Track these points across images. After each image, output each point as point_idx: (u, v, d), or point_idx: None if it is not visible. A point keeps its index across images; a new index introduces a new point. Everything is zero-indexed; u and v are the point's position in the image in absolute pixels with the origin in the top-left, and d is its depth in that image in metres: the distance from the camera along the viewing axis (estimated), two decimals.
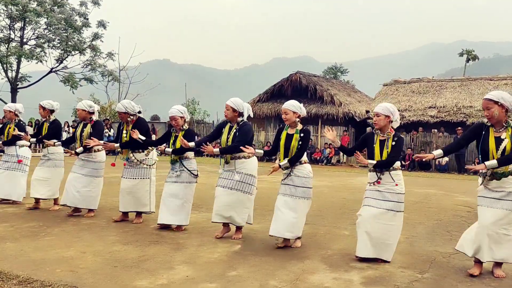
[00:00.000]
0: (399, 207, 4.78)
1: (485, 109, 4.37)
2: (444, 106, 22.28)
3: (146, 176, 6.38)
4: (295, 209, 5.17)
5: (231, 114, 5.62)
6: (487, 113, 4.36)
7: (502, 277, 4.36)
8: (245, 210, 5.59)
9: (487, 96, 4.41)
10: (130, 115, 6.40)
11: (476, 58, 42.68)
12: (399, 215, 4.78)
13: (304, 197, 5.23)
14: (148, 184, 6.40)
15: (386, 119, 4.87)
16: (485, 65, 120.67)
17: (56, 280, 3.93)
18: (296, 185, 5.21)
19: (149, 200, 6.41)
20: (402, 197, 4.81)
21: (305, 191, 5.24)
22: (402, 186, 4.83)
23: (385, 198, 4.76)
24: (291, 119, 5.30)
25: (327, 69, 44.87)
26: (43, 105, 7.29)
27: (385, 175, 4.79)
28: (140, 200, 6.36)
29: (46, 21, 26.84)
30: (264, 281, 4.07)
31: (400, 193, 4.79)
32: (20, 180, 7.59)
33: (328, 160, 21.43)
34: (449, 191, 11.46)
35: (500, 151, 4.29)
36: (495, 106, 4.30)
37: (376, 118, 4.90)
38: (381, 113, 4.87)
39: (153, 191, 6.46)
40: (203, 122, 28.26)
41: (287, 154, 5.27)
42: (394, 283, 4.13)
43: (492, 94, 4.39)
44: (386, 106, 4.94)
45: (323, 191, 10.64)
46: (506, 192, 4.31)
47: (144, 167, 6.37)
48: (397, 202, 4.76)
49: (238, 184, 5.50)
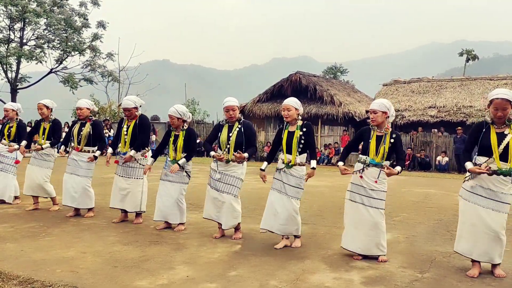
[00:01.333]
0: (380, 205, 4.85)
1: (500, 109, 4.21)
2: (444, 106, 22.27)
3: (140, 176, 6.41)
4: (289, 207, 5.24)
5: (238, 114, 5.67)
6: (501, 114, 4.22)
7: (503, 276, 4.35)
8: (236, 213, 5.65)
9: (502, 96, 4.21)
10: (137, 109, 6.43)
11: (476, 58, 42.72)
12: (380, 211, 4.85)
13: (297, 197, 5.30)
14: (141, 185, 6.43)
15: (384, 115, 4.89)
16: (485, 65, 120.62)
17: (57, 281, 3.93)
18: (291, 185, 5.25)
19: (141, 200, 6.45)
20: (383, 195, 4.88)
21: (298, 191, 5.30)
22: (385, 185, 4.89)
23: (367, 194, 4.85)
24: (292, 115, 5.31)
25: (326, 69, 44.82)
26: (46, 104, 7.28)
27: (373, 169, 4.85)
28: (132, 199, 6.39)
29: (46, 22, 26.82)
30: (264, 281, 4.07)
31: (382, 191, 4.86)
32: (11, 181, 7.62)
33: (328, 160, 21.43)
34: (449, 191, 11.45)
35: (502, 146, 4.26)
36: (509, 107, 4.21)
37: (374, 115, 4.91)
38: (378, 109, 4.89)
39: (145, 191, 6.49)
40: (203, 123, 28.23)
41: (289, 152, 5.28)
42: (394, 282, 4.13)
43: (506, 93, 4.23)
44: (382, 102, 4.98)
45: (323, 191, 10.63)
46: (492, 191, 4.30)
47: (138, 167, 6.38)
48: (378, 200, 4.83)
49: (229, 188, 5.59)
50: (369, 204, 4.83)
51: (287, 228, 5.27)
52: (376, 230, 4.83)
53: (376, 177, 4.83)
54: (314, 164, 5.25)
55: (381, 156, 4.83)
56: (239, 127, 5.62)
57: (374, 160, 4.85)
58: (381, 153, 4.83)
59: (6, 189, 7.57)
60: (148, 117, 6.78)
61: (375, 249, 4.83)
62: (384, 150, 4.82)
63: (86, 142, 6.74)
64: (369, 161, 4.87)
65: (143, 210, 6.50)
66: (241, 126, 5.64)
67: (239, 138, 5.57)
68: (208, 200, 5.78)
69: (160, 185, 6.10)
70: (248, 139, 5.60)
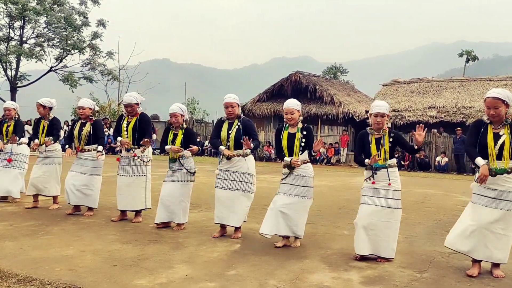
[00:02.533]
0: (396, 204, 4.78)
1: (491, 107, 4.26)
2: (443, 107, 22.29)
3: (142, 173, 6.39)
4: (297, 209, 5.19)
5: (238, 110, 5.63)
6: (494, 112, 4.26)
7: (501, 277, 4.35)
8: (245, 209, 5.62)
9: (494, 94, 4.29)
10: (139, 105, 6.43)
11: (476, 58, 42.76)
12: (396, 212, 4.78)
13: (307, 196, 5.25)
14: (144, 182, 6.40)
15: (388, 118, 4.89)
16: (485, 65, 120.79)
17: (55, 279, 3.92)
18: (300, 185, 5.21)
19: (145, 197, 6.42)
20: (398, 194, 4.81)
21: (308, 190, 5.25)
22: (398, 184, 4.84)
23: (381, 195, 4.77)
24: (296, 118, 5.29)
25: (326, 69, 44.85)
26: (43, 103, 7.28)
27: (381, 172, 4.79)
28: (136, 197, 6.36)
29: (46, 20, 26.85)
30: (263, 280, 4.07)
31: (396, 190, 4.79)
32: (18, 177, 7.63)
33: (328, 160, 21.43)
34: (448, 191, 11.46)
35: (498, 146, 4.28)
36: (502, 105, 4.25)
37: (381, 119, 4.83)
38: (386, 113, 4.85)
39: (148, 187, 6.47)
40: (202, 122, 28.21)
41: (291, 153, 5.25)
42: (393, 282, 4.12)
43: (498, 92, 4.29)
44: (386, 105, 4.94)
45: (322, 191, 10.63)
46: (500, 191, 4.29)
47: (140, 164, 6.37)
48: (393, 199, 4.76)
49: (237, 184, 5.53)
50: (386, 205, 4.74)
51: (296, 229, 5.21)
52: (390, 232, 4.75)
53: (387, 179, 4.78)
54: (306, 156, 5.23)
55: (383, 157, 4.81)
56: (239, 124, 5.61)
57: (378, 163, 4.79)
58: (383, 155, 4.81)
59: (14, 185, 7.57)
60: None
61: (386, 250, 4.74)
62: (385, 151, 4.81)
63: (87, 142, 6.73)
64: (375, 165, 4.80)
65: (148, 207, 6.47)
66: (240, 123, 5.63)
67: (238, 136, 5.54)
68: (216, 203, 5.70)
69: (163, 186, 6.09)
70: (249, 134, 5.56)
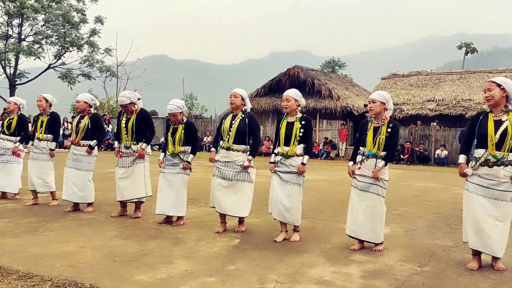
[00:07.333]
0: (381, 192, 4.92)
1: (486, 90, 4.39)
2: (442, 99, 22.27)
3: (140, 161, 6.36)
4: (290, 194, 5.24)
5: (240, 102, 5.63)
6: (488, 94, 4.37)
7: (503, 269, 4.34)
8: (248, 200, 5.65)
9: (491, 79, 4.46)
10: (134, 103, 6.40)
11: (475, 51, 42.72)
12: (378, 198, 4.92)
13: (299, 183, 5.26)
14: (143, 169, 6.38)
15: (382, 106, 4.94)
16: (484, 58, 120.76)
17: (56, 275, 3.93)
18: (292, 171, 5.23)
19: (145, 184, 6.40)
20: (385, 183, 4.95)
21: (300, 177, 5.27)
22: (386, 175, 4.94)
23: (369, 181, 4.92)
24: (292, 106, 5.29)
25: (325, 63, 44.67)
26: (46, 96, 7.30)
27: (371, 160, 4.91)
28: (137, 185, 6.34)
29: (44, 18, 26.82)
30: (263, 275, 4.07)
31: (383, 179, 4.91)
32: (15, 172, 7.64)
33: (327, 155, 21.43)
34: (448, 185, 11.46)
35: (499, 133, 4.26)
36: (497, 89, 4.32)
37: (372, 104, 4.96)
38: (377, 99, 4.95)
39: (147, 175, 6.44)
40: (201, 117, 28.17)
41: (288, 142, 5.24)
42: (393, 276, 4.13)
43: (496, 77, 4.46)
44: (382, 93, 5.04)
45: (321, 185, 10.64)
46: (497, 181, 4.29)
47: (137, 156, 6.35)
48: (381, 187, 4.91)
49: (238, 174, 5.56)
50: (370, 191, 4.90)
51: (292, 216, 5.25)
52: (374, 217, 4.89)
53: (374, 168, 4.87)
54: (306, 160, 5.23)
55: (377, 147, 4.86)
56: (243, 116, 5.60)
57: (371, 151, 4.88)
58: (377, 144, 4.85)
59: (11, 180, 7.59)
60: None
61: (372, 235, 4.91)
62: (380, 141, 4.84)
63: (84, 136, 6.72)
64: (367, 152, 4.92)
65: (149, 194, 6.44)
66: (245, 116, 5.62)
67: (242, 127, 5.52)
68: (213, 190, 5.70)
69: (160, 178, 6.07)
70: (252, 130, 5.57)
